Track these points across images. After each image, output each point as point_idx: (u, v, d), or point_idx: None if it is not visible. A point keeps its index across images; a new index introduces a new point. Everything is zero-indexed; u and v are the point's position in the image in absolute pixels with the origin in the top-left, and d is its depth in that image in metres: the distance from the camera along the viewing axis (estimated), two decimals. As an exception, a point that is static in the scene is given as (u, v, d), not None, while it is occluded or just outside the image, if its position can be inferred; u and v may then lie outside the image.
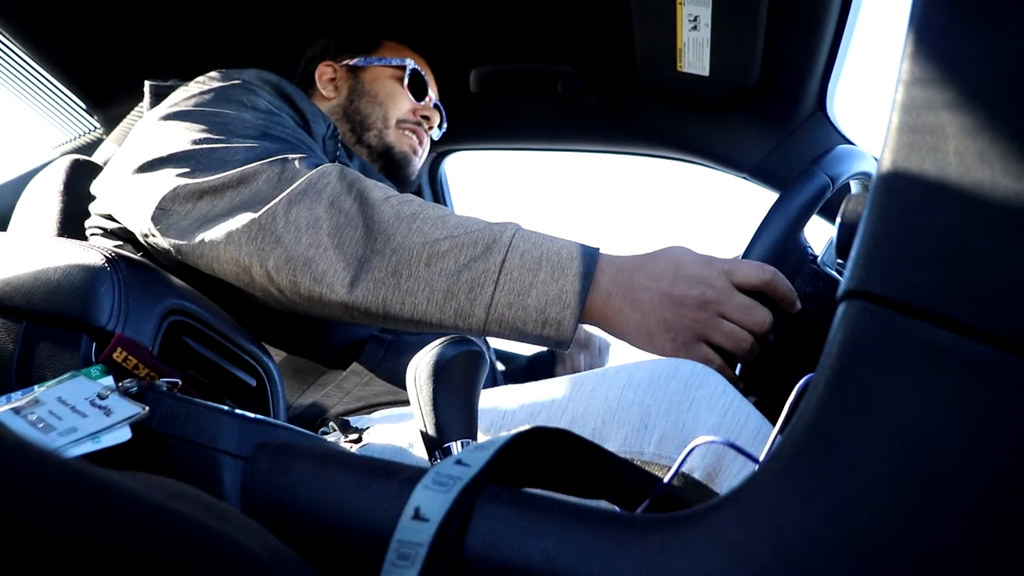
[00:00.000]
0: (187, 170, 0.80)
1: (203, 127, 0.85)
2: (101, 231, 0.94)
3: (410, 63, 1.24)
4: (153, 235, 0.80)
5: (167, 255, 0.80)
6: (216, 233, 0.75)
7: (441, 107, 1.33)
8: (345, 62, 1.25)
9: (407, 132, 1.24)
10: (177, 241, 0.77)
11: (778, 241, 0.84)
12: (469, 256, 0.71)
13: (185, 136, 0.84)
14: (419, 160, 1.28)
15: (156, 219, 0.79)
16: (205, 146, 0.82)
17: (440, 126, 1.36)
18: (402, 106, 1.23)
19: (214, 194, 0.77)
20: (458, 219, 0.74)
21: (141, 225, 0.81)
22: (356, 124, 1.21)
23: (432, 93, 1.29)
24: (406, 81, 1.23)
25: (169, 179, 0.79)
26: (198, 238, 0.76)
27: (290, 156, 0.80)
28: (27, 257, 0.68)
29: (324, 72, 1.26)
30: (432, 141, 1.33)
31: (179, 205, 0.78)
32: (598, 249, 0.74)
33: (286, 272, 0.73)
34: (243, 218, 0.74)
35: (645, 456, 0.66)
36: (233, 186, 0.77)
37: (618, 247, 0.75)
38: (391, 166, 1.23)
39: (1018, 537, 0.30)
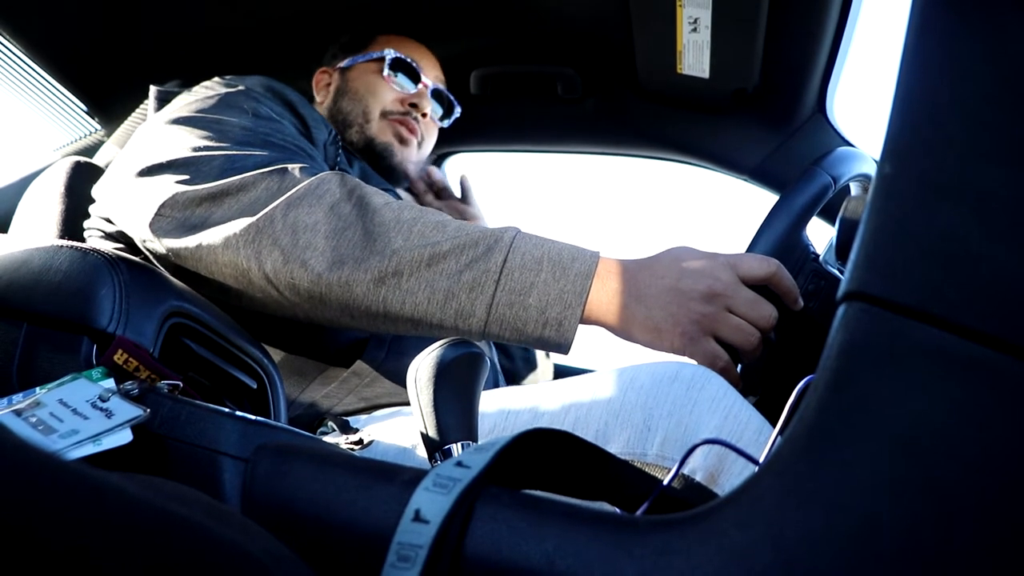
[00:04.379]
0: (186, 177, 0.80)
1: (204, 134, 0.85)
2: (100, 233, 0.94)
3: (390, 52, 1.20)
4: (151, 240, 0.80)
5: (165, 260, 0.81)
6: (213, 237, 0.75)
7: (444, 92, 1.28)
8: (338, 65, 1.25)
9: (392, 122, 1.20)
10: (174, 246, 0.78)
11: (780, 238, 0.84)
12: (470, 256, 0.72)
13: (185, 142, 0.84)
14: (408, 150, 1.22)
15: (153, 225, 0.79)
16: (205, 153, 0.82)
17: (449, 115, 1.32)
18: (384, 97, 1.20)
19: (213, 201, 0.77)
20: (458, 223, 0.75)
21: (139, 231, 0.81)
22: (339, 124, 1.20)
23: (427, 79, 1.23)
24: (386, 71, 1.20)
25: (168, 186, 0.79)
26: (195, 243, 0.76)
27: (290, 165, 0.80)
28: (28, 259, 0.68)
29: (320, 79, 1.27)
30: (440, 132, 1.30)
31: (177, 211, 0.78)
32: (599, 252, 0.74)
33: (284, 273, 0.73)
34: (241, 223, 0.75)
35: (648, 458, 0.66)
36: (232, 193, 0.77)
37: (619, 250, 0.75)
38: (374, 159, 1.19)
39: (1018, 540, 0.30)
